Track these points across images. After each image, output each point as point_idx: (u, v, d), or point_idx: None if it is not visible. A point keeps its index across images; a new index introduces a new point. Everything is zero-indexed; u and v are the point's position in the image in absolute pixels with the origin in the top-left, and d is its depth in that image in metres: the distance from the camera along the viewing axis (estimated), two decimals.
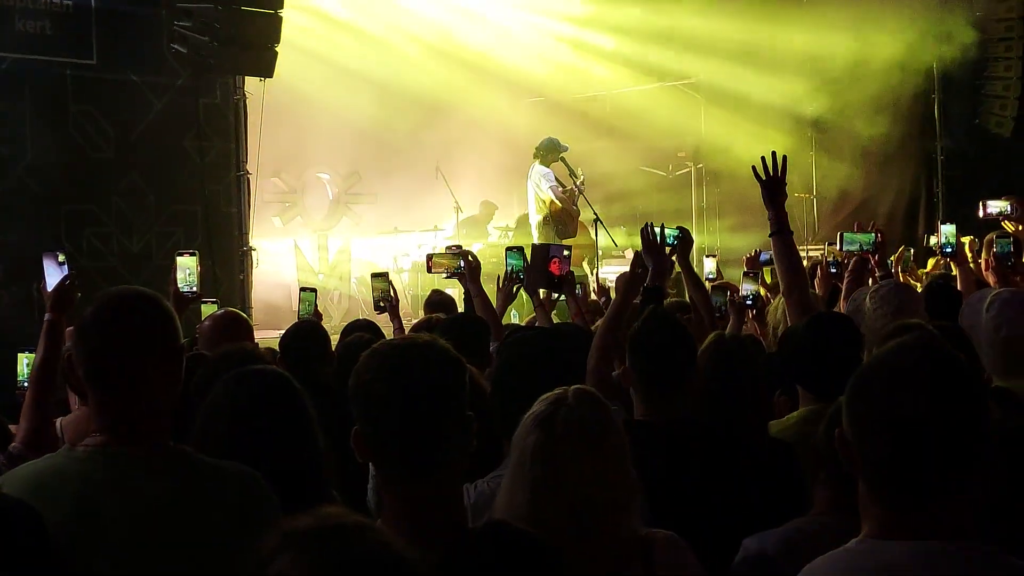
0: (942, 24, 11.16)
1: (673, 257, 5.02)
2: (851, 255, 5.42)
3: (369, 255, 13.43)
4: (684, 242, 5.25)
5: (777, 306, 5.05)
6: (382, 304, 6.10)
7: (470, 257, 5.62)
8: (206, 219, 8.96)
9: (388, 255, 13.14)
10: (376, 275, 6.32)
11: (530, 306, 6.60)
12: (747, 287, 5.78)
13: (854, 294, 4.43)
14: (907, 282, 6.07)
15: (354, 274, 13.38)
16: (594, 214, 10.79)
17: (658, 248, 4.50)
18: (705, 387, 3.28)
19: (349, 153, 13.84)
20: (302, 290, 6.23)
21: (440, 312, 5.57)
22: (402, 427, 2.01)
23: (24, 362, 4.94)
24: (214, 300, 6.08)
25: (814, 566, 1.84)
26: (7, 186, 8.13)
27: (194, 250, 4.88)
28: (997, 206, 6.40)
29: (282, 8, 8.89)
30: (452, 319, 4.88)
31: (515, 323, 7.25)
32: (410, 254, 12.84)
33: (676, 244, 5.13)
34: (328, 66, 12.50)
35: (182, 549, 2.13)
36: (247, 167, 9.41)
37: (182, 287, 4.64)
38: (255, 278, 9.61)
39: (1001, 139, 10.97)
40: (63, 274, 3.62)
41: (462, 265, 5.54)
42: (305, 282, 10.52)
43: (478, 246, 11.95)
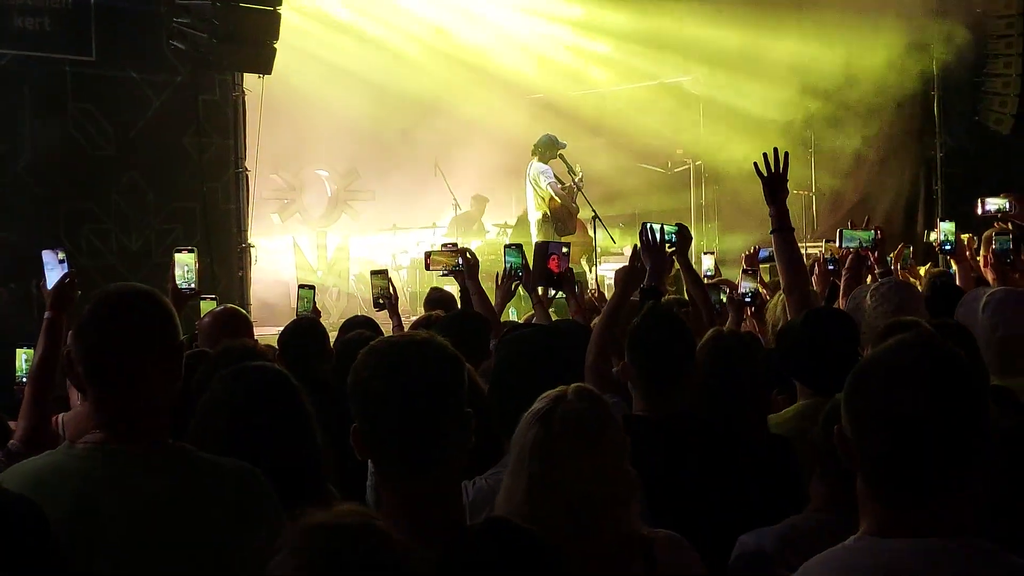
0: (942, 21, 11.15)
1: (672, 252, 5.01)
2: (849, 252, 5.41)
3: (368, 252, 13.43)
4: (683, 239, 5.24)
5: (776, 303, 5.03)
6: (381, 301, 6.10)
7: (468, 254, 5.62)
8: (205, 216, 8.95)
9: (387, 252, 13.14)
10: (375, 272, 6.32)
11: (528, 304, 6.60)
12: (746, 285, 5.77)
13: (854, 292, 4.42)
14: (906, 279, 6.05)
15: (352, 271, 13.37)
16: (593, 212, 10.77)
17: (656, 248, 4.49)
18: (704, 382, 3.27)
19: (348, 150, 13.84)
20: (301, 287, 6.24)
21: (440, 309, 5.57)
22: (400, 424, 2.01)
23: (23, 357, 4.93)
24: (213, 296, 6.08)
25: (812, 564, 1.83)
26: (6, 183, 8.14)
27: (192, 246, 4.87)
28: (995, 203, 6.39)
29: (280, 4, 8.87)
30: (452, 316, 4.88)
31: (513, 320, 7.24)
32: (409, 251, 12.84)
33: (675, 241, 5.11)
34: (326, 64, 12.49)
35: (181, 546, 2.13)
36: (246, 164, 9.40)
37: (180, 283, 4.64)
38: (253, 275, 9.60)
39: (1001, 136, 10.94)
40: (63, 272, 3.61)
41: (460, 262, 5.54)
42: (304, 279, 10.52)
43: (476, 243, 11.94)
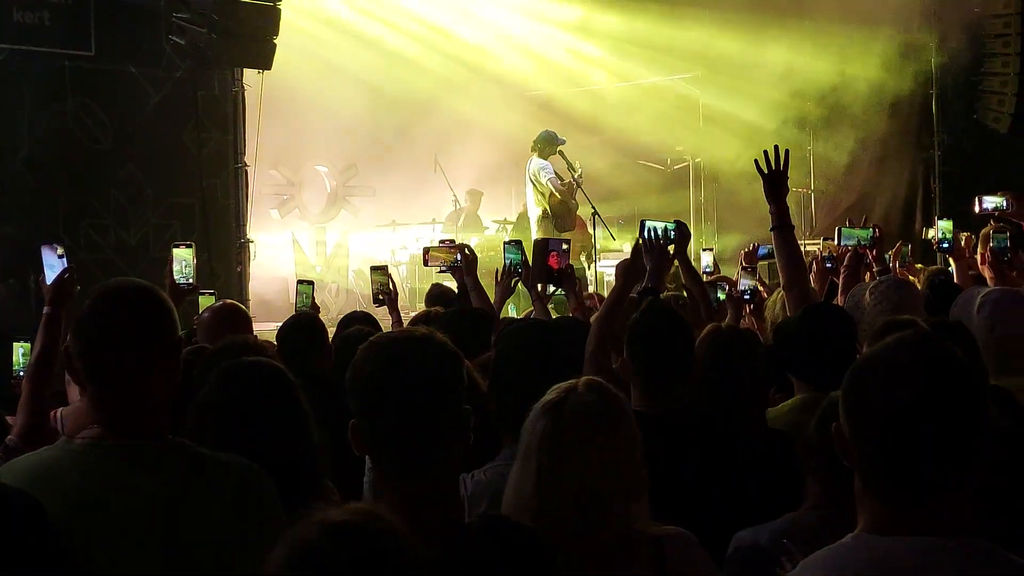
0: (940, 20, 11.15)
1: (671, 248, 5.00)
2: (848, 250, 5.41)
3: (367, 248, 13.42)
4: (681, 236, 5.23)
5: (775, 301, 5.03)
6: (380, 297, 6.09)
7: (467, 251, 5.61)
8: (204, 211, 8.93)
9: (386, 248, 13.13)
10: (375, 268, 6.31)
11: (527, 300, 6.59)
12: (745, 282, 5.76)
13: (853, 290, 4.42)
14: (904, 277, 6.05)
15: (351, 267, 13.37)
16: (592, 208, 10.77)
17: (656, 248, 4.48)
18: (703, 377, 3.27)
19: (347, 146, 13.82)
20: (299, 283, 6.22)
21: (440, 306, 5.56)
22: (400, 420, 2.01)
23: (20, 351, 4.94)
24: (212, 292, 6.08)
25: (810, 561, 1.83)
26: (4, 178, 8.12)
27: (190, 241, 4.87)
28: (993, 201, 6.39)
29: (280, 0, 8.86)
30: (452, 312, 4.87)
31: (512, 316, 7.24)
32: (408, 247, 12.83)
33: (673, 238, 5.10)
34: (326, 61, 12.47)
35: (181, 542, 2.12)
36: (245, 159, 9.39)
37: (178, 279, 4.63)
38: (252, 271, 9.59)
39: (998, 135, 10.95)
40: (62, 267, 3.61)
41: (459, 258, 5.53)
42: (302, 275, 10.51)
43: (475, 240, 11.94)
